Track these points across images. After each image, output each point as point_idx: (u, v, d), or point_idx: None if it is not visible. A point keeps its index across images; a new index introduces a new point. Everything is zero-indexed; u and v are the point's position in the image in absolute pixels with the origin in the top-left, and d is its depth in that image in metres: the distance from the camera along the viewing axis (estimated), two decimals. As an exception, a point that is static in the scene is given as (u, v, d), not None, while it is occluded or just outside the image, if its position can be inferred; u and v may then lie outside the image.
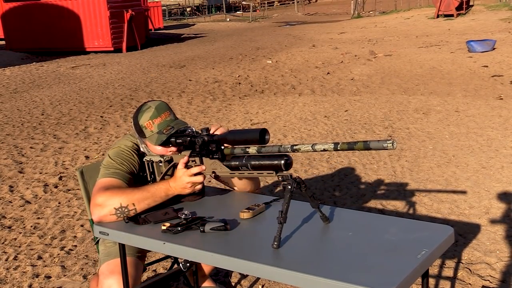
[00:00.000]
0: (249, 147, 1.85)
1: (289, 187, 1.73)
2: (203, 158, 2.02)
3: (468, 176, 4.48)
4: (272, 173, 1.80)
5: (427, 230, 1.76)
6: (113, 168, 2.13)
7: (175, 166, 2.11)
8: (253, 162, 1.84)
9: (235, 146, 1.92)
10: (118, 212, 1.99)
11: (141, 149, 2.23)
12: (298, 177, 1.78)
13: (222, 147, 1.98)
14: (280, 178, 1.78)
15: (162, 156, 2.14)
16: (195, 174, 2.02)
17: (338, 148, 1.63)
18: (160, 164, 2.15)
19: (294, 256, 1.63)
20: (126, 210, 1.99)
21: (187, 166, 2.04)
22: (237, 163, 1.89)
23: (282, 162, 1.77)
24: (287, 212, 1.70)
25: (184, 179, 2.01)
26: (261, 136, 1.78)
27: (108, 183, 2.08)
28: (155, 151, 2.17)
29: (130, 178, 2.14)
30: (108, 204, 1.99)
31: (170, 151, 2.14)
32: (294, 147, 1.71)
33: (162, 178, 2.15)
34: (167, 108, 2.17)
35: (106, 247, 2.23)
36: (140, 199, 2.01)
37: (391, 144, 1.52)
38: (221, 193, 2.29)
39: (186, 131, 2.09)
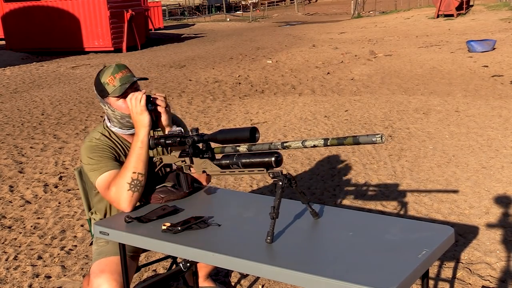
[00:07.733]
0: (239, 146, 1.86)
1: (281, 183, 1.75)
2: (193, 158, 2.02)
3: (468, 176, 4.48)
4: (263, 170, 1.80)
5: (428, 230, 1.76)
6: (100, 163, 2.15)
7: (165, 166, 2.12)
8: (243, 160, 1.84)
9: (225, 145, 1.92)
10: (132, 188, 2.06)
11: (106, 113, 2.25)
12: (289, 174, 1.80)
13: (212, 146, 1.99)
14: (271, 175, 1.79)
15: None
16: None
17: (328, 144, 1.63)
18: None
19: (295, 256, 1.64)
20: (135, 182, 2.06)
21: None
22: (228, 161, 1.89)
23: (273, 159, 1.78)
24: (279, 207, 1.72)
25: (132, 107, 2.10)
26: (251, 134, 1.79)
27: (107, 178, 2.11)
28: (119, 109, 2.20)
29: (118, 164, 2.17)
30: (120, 191, 2.05)
31: (130, 97, 2.14)
32: (285, 144, 1.72)
33: (153, 176, 2.16)
34: (126, 67, 2.25)
35: (98, 246, 2.24)
36: (134, 165, 2.07)
37: (379, 138, 1.52)
38: (221, 193, 2.28)
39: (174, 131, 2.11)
